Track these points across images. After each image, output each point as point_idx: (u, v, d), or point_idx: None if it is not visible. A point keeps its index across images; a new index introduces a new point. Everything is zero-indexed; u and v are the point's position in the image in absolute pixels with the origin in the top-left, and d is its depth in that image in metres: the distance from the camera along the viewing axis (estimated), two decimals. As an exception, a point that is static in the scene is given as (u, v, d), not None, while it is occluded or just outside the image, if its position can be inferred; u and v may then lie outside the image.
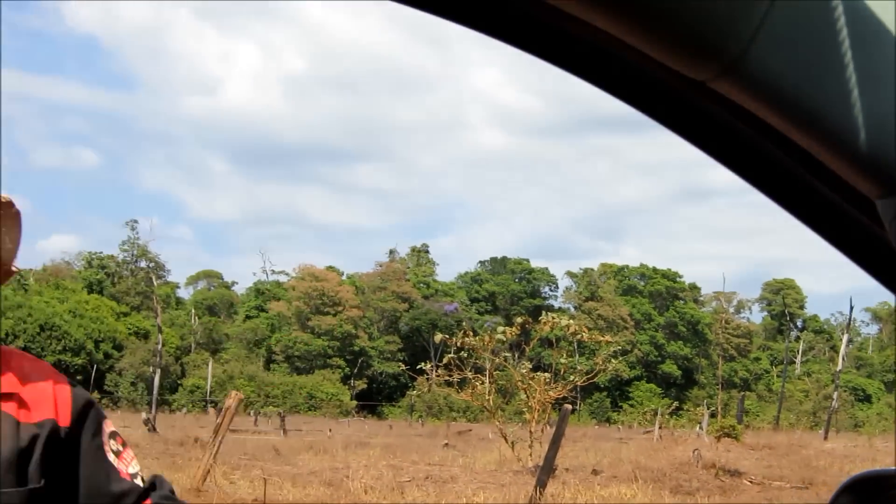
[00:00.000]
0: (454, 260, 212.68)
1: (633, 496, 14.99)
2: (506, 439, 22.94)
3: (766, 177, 1.00)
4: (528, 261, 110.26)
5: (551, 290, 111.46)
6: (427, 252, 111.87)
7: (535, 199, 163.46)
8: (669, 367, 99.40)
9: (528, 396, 23.46)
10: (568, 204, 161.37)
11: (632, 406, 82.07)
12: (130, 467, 1.96)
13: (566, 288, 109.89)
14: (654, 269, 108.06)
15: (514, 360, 27.02)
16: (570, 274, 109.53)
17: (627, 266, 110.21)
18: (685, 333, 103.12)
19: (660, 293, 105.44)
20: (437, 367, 26.84)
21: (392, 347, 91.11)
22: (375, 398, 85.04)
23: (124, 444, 2.00)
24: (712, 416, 41.76)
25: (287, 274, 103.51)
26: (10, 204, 1.79)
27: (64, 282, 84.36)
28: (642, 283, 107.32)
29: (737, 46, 0.74)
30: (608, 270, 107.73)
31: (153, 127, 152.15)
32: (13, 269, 1.90)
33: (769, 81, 0.77)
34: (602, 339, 25.22)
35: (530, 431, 22.66)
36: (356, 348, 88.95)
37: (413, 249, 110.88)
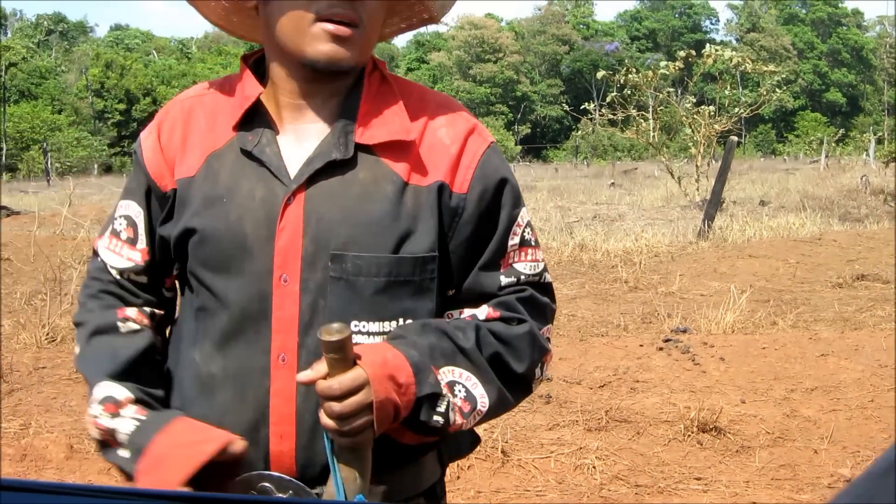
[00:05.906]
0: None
1: (802, 225, 15.07)
2: (672, 175, 23.09)
3: None
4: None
5: (712, 24, 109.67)
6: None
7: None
8: (834, 96, 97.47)
9: (692, 131, 23.39)
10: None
11: (797, 136, 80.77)
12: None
13: (727, 21, 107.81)
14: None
15: (677, 95, 26.70)
16: (731, 6, 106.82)
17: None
18: (849, 60, 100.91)
19: (822, 20, 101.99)
20: (601, 107, 26.89)
21: (554, 91, 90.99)
22: (539, 142, 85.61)
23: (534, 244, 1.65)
24: (879, 142, 40.78)
25: (446, 24, 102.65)
26: None
27: (226, 47, 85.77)
28: (804, 11, 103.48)
29: None
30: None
31: None
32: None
33: None
34: (765, 69, 24.56)
35: (696, 166, 22.72)
36: (518, 94, 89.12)
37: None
